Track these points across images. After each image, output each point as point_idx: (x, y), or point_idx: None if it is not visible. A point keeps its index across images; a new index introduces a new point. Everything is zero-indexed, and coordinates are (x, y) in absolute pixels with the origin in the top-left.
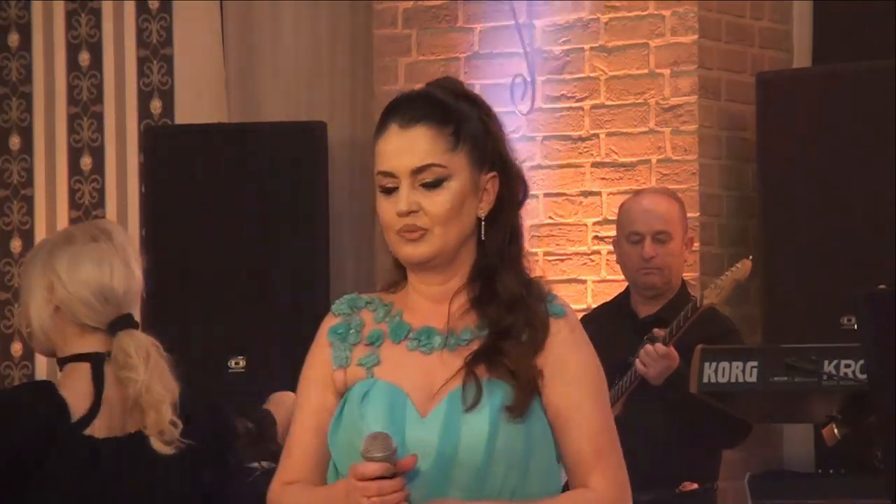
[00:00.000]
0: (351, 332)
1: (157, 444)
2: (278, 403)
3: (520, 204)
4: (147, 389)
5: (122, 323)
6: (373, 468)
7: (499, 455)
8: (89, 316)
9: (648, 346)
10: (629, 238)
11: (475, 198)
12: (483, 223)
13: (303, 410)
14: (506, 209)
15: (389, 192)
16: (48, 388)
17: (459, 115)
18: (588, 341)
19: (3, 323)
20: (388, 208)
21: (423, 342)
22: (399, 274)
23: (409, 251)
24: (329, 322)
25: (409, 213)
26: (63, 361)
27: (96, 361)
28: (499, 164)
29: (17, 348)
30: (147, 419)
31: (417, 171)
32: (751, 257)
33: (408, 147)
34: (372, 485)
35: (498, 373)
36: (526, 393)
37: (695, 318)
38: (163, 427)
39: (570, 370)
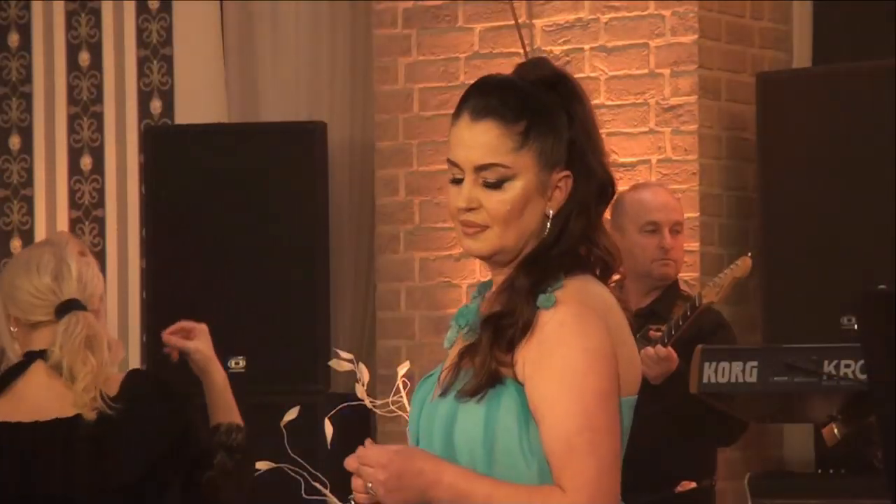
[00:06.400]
0: (463, 314)
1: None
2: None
3: (588, 205)
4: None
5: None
6: (348, 462)
7: (459, 439)
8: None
9: (649, 349)
10: (643, 228)
11: (542, 197)
12: (551, 220)
13: None
14: (574, 212)
15: (456, 182)
16: None
17: (535, 111)
18: (583, 334)
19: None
20: (452, 198)
21: (471, 328)
22: None
23: (468, 245)
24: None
25: (468, 209)
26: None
27: (30, 358)
28: (576, 162)
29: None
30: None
31: (480, 169)
32: (750, 254)
33: (473, 142)
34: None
35: (472, 361)
36: (476, 381)
37: (693, 318)
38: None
39: (552, 364)
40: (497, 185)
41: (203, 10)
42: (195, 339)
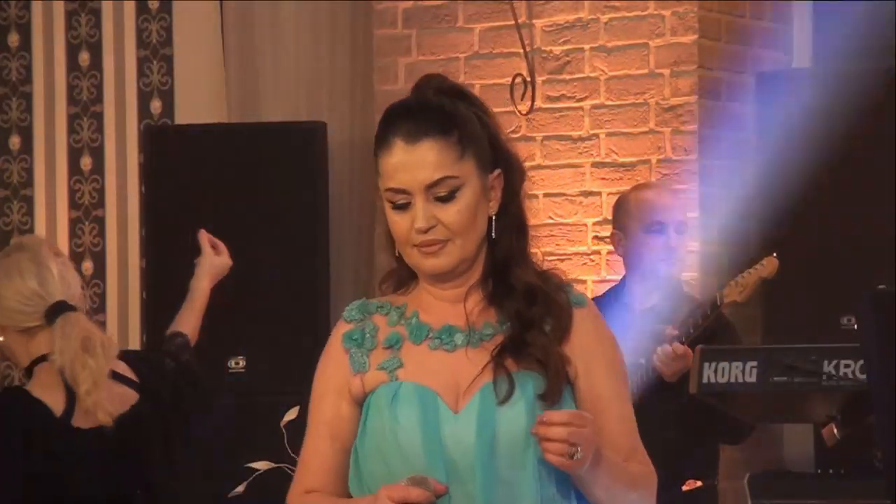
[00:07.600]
0: (367, 337)
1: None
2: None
3: (520, 192)
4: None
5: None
6: (417, 494)
7: (535, 444)
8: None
9: (667, 346)
10: (649, 228)
11: (486, 200)
12: (494, 221)
13: (317, 419)
14: (512, 202)
15: (402, 207)
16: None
17: (460, 120)
18: (610, 330)
19: None
20: (402, 224)
21: (446, 340)
22: (407, 274)
23: (432, 264)
24: (342, 329)
25: (428, 228)
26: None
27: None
28: (501, 159)
29: None
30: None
31: (431, 186)
32: (775, 254)
33: (417, 163)
34: None
35: (526, 364)
36: (557, 381)
37: (714, 316)
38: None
39: (601, 361)
40: (449, 198)
41: (203, 10)
42: (220, 255)
